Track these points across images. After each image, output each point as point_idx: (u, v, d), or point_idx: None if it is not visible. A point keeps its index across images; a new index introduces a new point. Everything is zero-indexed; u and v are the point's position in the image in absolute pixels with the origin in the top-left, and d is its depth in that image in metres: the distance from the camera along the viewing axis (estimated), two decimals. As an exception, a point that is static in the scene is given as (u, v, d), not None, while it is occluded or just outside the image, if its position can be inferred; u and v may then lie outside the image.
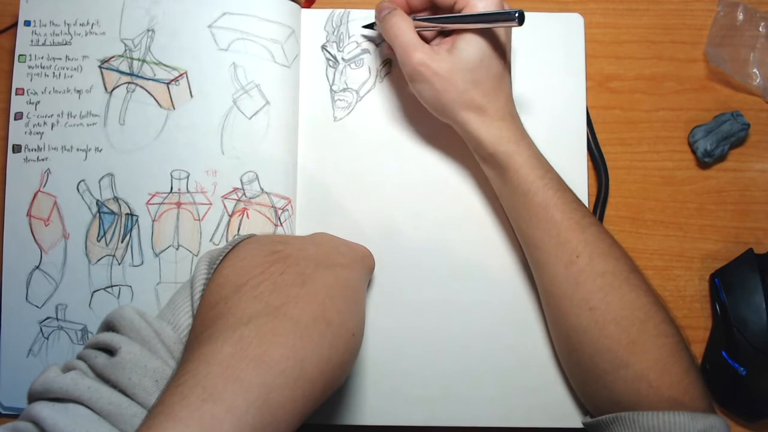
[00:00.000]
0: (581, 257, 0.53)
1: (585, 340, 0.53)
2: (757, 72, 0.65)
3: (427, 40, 0.58)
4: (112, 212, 0.60)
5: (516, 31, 0.63)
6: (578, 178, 0.62)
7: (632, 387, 0.51)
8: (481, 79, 0.55)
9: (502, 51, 0.56)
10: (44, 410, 0.39)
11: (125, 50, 0.62)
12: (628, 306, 0.52)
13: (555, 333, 0.58)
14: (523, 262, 0.61)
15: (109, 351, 0.44)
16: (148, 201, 0.60)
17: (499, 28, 0.55)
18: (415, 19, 0.57)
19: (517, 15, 0.51)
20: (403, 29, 0.56)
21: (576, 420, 0.59)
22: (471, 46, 0.54)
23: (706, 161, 0.64)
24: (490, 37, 0.55)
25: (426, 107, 0.58)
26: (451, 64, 0.54)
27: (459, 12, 0.55)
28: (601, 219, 0.63)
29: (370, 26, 0.64)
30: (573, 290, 0.54)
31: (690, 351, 0.53)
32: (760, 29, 0.65)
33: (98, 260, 0.60)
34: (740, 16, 0.65)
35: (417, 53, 0.55)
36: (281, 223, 0.61)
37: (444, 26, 0.56)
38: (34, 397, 0.42)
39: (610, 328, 0.52)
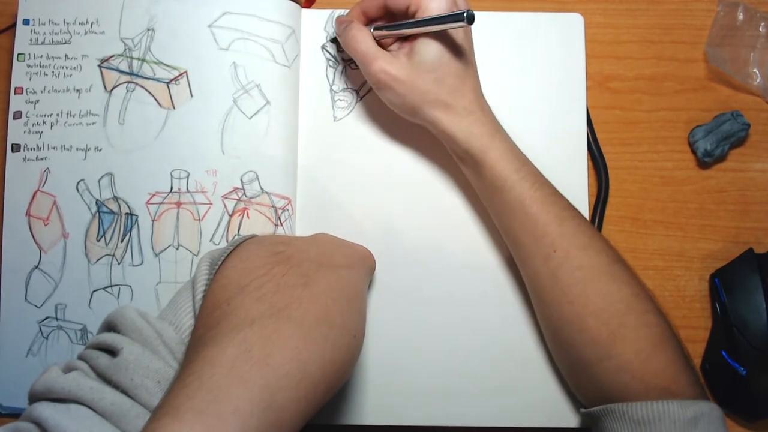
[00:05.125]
0: (558, 251, 0.53)
1: (569, 334, 0.54)
2: (757, 72, 0.65)
3: (386, 47, 0.58)
4: (112, 212, 0.60)
5: (516, 31, 0.64)
6: (578, 178, 0.62)
7: (617, 378, 0.51)
8: (443, 78, 0.55)
9: (460, 50, 0.56)
10: (46, 410, 0.39)
11: (125, 49, 0.62)
12: (608, 299, 0.52)
13: (542, 326, 0.59)
14: (523, 262, 0.61)
15: (111, 351, 0.44)
16: (148, 200, 0.60)
17: (457, 32, 0.55)
18: (373, 29, 0.57)
19: (465, 15, 0.50)
20: (361, 40, 0.56)
21: (576, 420, 0.59)
22: (428, 48, 0.54)
23: (706, 161, 0.64)
24: (446, 37, 0.55)
25: (398, 113, 0.59)
26: (410, 68, 0.55)
27: (412, 16, 0.55)
28: (601, 219, 0.63)
29: (335, 40, 0.64)
30: (552, 285, 0.54)
31: (678, 340, 0.53)
32: (760, 29, 0.65)
33: (98, 260, 0.60)
34: (740, 16, 0.65)
35: (377, 62, 0.55)
36: (281, 223, 0.60)
37: (400, 32, 0.56)
38: (35, 397, 0.42)
39: (590, 321, 0.52)
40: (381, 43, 0.58)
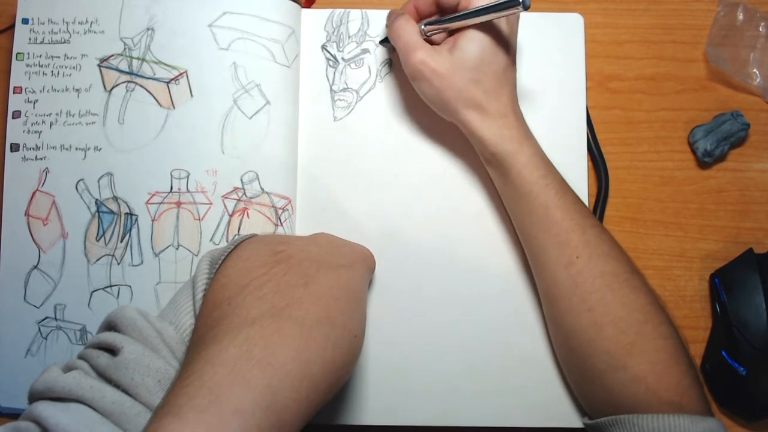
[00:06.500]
0: (581, 258, 0.53)
1: (583, 342, 0.53)
2: (757, 72, 0.65)
3: (435, 45, 0.58)
4: (112, 212, 0.60)
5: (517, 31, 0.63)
6: (578, 178, 0.62)
7: (630, 389, 0.51)
8: (482, 78, 0.55)
9: (505, 46, 0.55)
10: (47, 410, 0.39)
11: (125, 49, 0.61)
12: (627, 307, 0.52)
13: (554, 333, 0.58)
14: (524, 261, 0.60)
15: (111, 351, 0.44)
16: (148, 200, 0.60)
17: (502, 24, 0.54)
18: (424, 25, 0.57)
19: (521, 0, 0.48)
20: (407, 30, 0.56)
21: (577, 420, 0.59)
22: (471, 44, 0.54)
23: (706, 161, 0.64)
24: (492, 32, 0.54)
25: (430, 107, 0.58)
26: (451, 62, 0.54)
27: (463, 10, 0.54)
28: (601, 219, 0.63)
29: (385, 40, 0.64)
30: (572, 291, 0.54)
31: (689, 353, 0.53)
32: (760, 29, 0.65)
33: (97, 260, 0.60)
34: (740, 16, 0.65)
35: (418, 52, 0.55)
36: (281, 223, 0.60)
37: (449, 26, 0.56)
38: (35, 396, 0.42)
39: (608, 329, 0.52)
40: (432, 40, 0.57)
